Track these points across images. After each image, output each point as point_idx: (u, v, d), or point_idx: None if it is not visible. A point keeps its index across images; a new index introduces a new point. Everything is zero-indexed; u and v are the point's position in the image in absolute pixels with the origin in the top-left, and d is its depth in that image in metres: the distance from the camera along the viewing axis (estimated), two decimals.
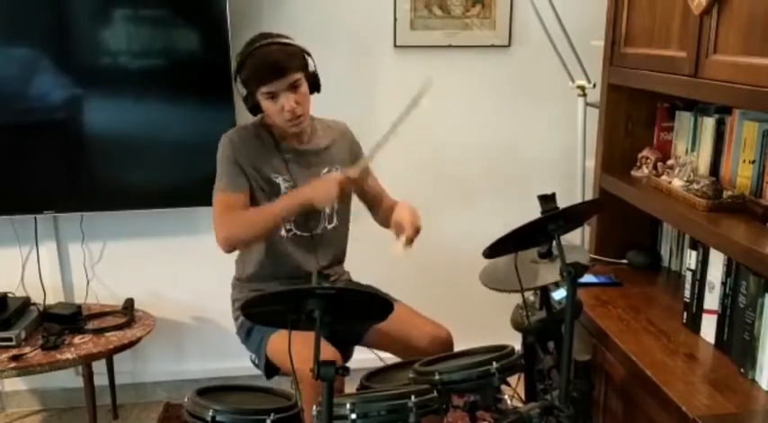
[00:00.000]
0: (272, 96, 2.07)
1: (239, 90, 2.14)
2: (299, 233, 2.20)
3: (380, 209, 2.35)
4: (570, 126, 2.83)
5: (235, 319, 2.28)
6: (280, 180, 2.16)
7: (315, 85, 2.15)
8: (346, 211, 2.32)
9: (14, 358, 2.47)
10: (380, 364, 2.14)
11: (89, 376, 2.65)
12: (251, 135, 2.19)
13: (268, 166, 2.16)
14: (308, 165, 2.21)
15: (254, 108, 2.14)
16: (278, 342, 2.07)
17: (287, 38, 2.11)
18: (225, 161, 2.16)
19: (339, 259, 2.35)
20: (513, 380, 1.89)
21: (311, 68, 2.13)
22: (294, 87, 2.07)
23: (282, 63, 2.04)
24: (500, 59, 3.00)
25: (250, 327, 2.19)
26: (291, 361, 1.52)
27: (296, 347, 1.52)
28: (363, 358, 2.24)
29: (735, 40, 1.73)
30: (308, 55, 2.13)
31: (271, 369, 2.16)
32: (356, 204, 2.38)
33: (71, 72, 2.72)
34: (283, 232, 2.19)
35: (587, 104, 2.73)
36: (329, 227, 2.26)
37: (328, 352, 1.84)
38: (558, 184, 2.12)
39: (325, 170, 2.23)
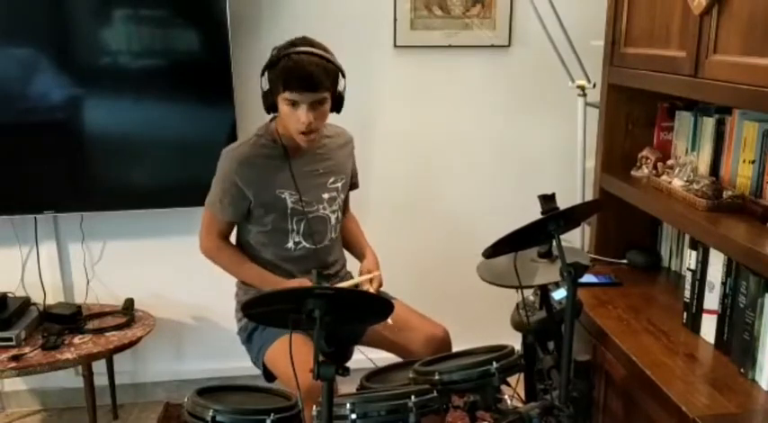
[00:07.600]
0: (293, 104, 2.01)
1: (262, 84, 2.05)
2: (308, 246, 2.20)
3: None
4: (570, 126, 2.83)
5: (237, 320, 2.28)
6: (286, 195, 2.13)
7: (337, 106, 2.09)
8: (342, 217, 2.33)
9: (14, 358, 2.46)
10: (377, 365, 2.14)
11: (89, 376, 2.64)
12: (256, 150, 2.12)
13: (274, 183, 2.13)
14: (314, 175, 2.20)
15: (272, 107, 2.08)
16: (276, 354, 2.07)
17: (329, 52, 2.05)
18: (223, 182, 2.12)
19: (343, 262, 2.37)
20: (513, 380, 1.90)
21: (340, 88, 2.07)
22: (318, 104, 2.02)
23: (316, 78, 1.98)
24: (500, 59, 3.00)
25: (251, 332, 2.19)
26: (292, 361, 1.52)
27: (295, 359, 1.53)
28: (363, 358, 2.24)
29: (735, 40, 1.73)
30: (343, 76, 2.07)
31: (270, 375, 2.17)
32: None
33: (71, 72, 2.72)
34: (291, 244, 2.18)
35: (587, 104, 2.72)
36: (334, 237, 2.27)
37: None
38: (558, 184, 2.12)
39: (331, 180, 2.22)
